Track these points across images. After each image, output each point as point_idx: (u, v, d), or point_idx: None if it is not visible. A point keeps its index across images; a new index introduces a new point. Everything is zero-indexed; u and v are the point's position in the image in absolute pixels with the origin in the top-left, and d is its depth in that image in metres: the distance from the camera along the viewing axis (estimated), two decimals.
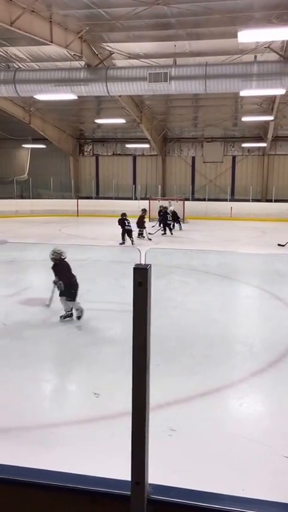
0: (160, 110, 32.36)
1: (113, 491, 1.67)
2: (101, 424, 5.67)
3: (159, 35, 18.72)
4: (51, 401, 6.44)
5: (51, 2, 16.01)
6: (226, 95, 25.06)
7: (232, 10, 15.71)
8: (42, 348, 8.46)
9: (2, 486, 1.75)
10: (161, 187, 37.37)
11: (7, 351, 8.19)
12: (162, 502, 1.63)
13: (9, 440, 5.34)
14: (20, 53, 21.86)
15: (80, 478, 1.73)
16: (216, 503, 1.60)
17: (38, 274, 15.85)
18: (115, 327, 9.57)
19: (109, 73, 18.89)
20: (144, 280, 1.57)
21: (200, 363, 7.53)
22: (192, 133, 36.36)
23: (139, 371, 1.63)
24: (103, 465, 4.25)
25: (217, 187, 36.88)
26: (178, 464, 4.68)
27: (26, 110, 31.69)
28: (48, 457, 4.72)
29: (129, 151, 38.55)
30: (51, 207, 34.95)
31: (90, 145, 39.79)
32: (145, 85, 18.35)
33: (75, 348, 8.43)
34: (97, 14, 16.92)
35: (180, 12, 16.08)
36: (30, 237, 23.69)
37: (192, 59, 20.30)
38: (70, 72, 19.18)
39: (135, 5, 15.63)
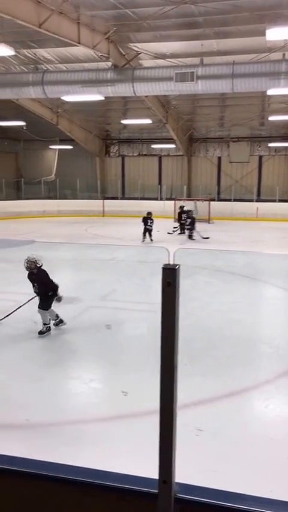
0: (186, 110, 32.27)
1: (141, 489, 1.68)
2: (128, 422, 5.70)
3: (186, 34, 18.67)
4: (79, 399, 6.49)
5: (79, 3, 16.08)
6: (253, 94, 24.92)
7: (260, 8, 15.60)
8: (71, 346, 8.53)
9: (30, 481, 1.77)
10: (186, 188, 37.26)
11: (37, 350, 8.28)
12: (189, 501, 1.64)
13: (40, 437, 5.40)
14: (48, 55, 22.01)
15: (109, 475, 1.75)
16: (242, 504, 1.60)
17: (65, 273, 15.97)
18: (141, 326, 9.60)
19: (136, 73, 18.91)
20: (172, 280, 1.58)
21: (225, 364, 7.52)
22: (218, 133, 36.17)
23: (167, 370, 1.64)
24: (131, 463, 4.27)
25: (243, 187, 36.64)
26: (205, 463, 4.68)
27: (54, 111, 31.87)
28: (77, 453, 4.76)
29: (155, 152, 38.50)
30: (78, 208, 35.12)
31: (117, 146, 39.85)
32: (171, 85, 18.32)
33: (104, 347, 8.48)
34: (124, 14, 16.95)
35: (207, 11, 16.03)
36: (57, 237, 23.85)
37: (220, 58, 20.17)
38: (97, 73, 19.25)
39: (163, 4, 15.61)
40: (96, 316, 10.36)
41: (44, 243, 20.51)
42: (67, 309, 10.37)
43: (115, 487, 1.69)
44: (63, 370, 7.36)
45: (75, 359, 7.98)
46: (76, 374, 7.31)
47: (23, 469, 1.79)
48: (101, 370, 7.67)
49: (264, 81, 17.41)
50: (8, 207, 33.25)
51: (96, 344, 8.66)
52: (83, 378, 7.07)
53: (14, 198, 36.21)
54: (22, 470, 1.78)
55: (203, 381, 6.66)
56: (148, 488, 1.67)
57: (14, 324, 9.72)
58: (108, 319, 9.82)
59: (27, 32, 17.44)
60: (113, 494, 1.69)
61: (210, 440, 5.25)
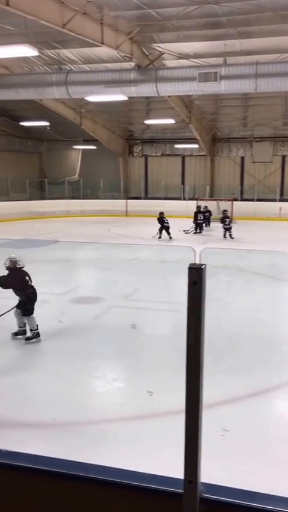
0: (209, 110, 32.18)
1: (166, 489, 1.68)
2: (153, 422, 5.71)
3: (210, 34, 18.60)
4: (104, 398, 6.52)
5: (102, 4, 16.12)
6: (276, 93, 24.74)
7: (284, 7, 15.49)
8: (95, 345, 8.55)
9: (56, 480, 1.79)
10: (209, 188, 37.15)
11: (62, 348, 8.33)
12: (214, 501, 1.64)
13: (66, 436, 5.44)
14: (72, 55, 22.10)
15: (134, 474, 1.75)
16: (268, 504, 1.59)
17: (88, 273, 16.04)
18: (164, 326, 9.60)
19: (159, 73, 18.91)
20: (198, 280, 1.58)
21: (248, 364, 7.49)
22: (241, 133, 36.00)
23: (192, 370, 1.64)
24: (156, 462, 4.28)
25: (266, 187, 36.42)
26: (231, 464, 4.67)
27: (77, 111, 32.00)
28: (102, 452, 4.78)
29: (178, 152, 38.43)
30: (101, 207, 35.21)
31: (140, 146, 39.87)
32: (195, 85, 18.29)
33: (126, 346, 8.49)
34: (148, 15, 16.95)
35: (231, 10, 15.96)
36: (80, 237, 23.96)
37: (243, 57, 20.09)
38: (120, 74, 19.30)
39: (186, 4, 15.59)
40: (119, 315, 10.38)
41: (67, 242, 20.62)
42: (90, 309, 10.42)
43: (140, 486, 1.69)
44: (87, 370, 7.39)
45: (98, 358, 8.00)
46: (100, 373, 7.33)
47: (49, 468, 1.80)
48: (124, 369, 7.69)
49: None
50: (31, 207, 33.48)
51: (119, 343, 8.68)
52: (107, 377, 7.10)
53: (37, 198, 36.43)
54: (48, 470, 1.80)
55: (226, 380, 6.64)
56: (173, 488, 1.67)
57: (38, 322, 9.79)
58: (131, 318, 9.84)
59: (50, 32, 17.53)
60: (138, 494, 1.69)
61: (236, 440, 5.24)
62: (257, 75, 17.50)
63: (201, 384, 1.65)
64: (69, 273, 15.36)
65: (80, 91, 19.94)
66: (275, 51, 19.15)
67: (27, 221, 30.48)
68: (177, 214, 28.01)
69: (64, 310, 10.59)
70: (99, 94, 20.04)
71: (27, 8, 14.16)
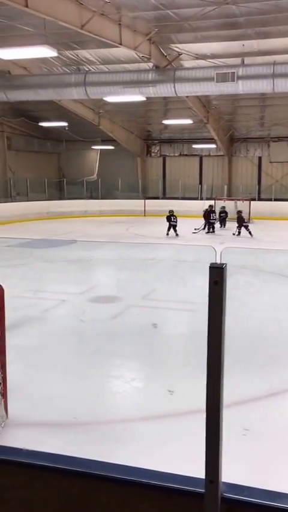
0: (227, 110, 32.09)
1: (187, 488, 1.69)
2: (173, 421, 5.72)
3: (228, 35, 18.56)
4: (124, 397, 6.53)
5: (120, 5, 16.16)
6: None
7: None
8: (115, 344, 8.58)
9: (78, 479, 1.80)
10: (226, 188, 37.05)
11: (81, 348, 8.37)
12: (236, 500, 1.64)
13: (85, 435, 5.47)
14: (90, 56, 22.16)
15: (155, 473, 1.76)
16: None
17: (106, 272, 16.09)
18: (182, 326, 9.60)
19: (177, 74, 18.92)
20: (220, 279, 1.58)
21: (266, 363, 7.47)
22: (258, 133, 35.83)
23: (213, 370, 1.64)
24: (177, 462, 4.28)
25: (283, 187, 36.22)
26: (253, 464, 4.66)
27: (95, 111, 32.09)
28: (122, 452, 4.80)
29: (196, 152, 38.38)
30: (119, 207, 35.25)
31: (158, 146, 39.88)
32: (212, 85, 18.29)
33: (145, 345, 8.51)
34: (165, 16, 16.95)
35: (249, 11, 15.91)
36: (98, 237, 24.01)
37: (261, 58, 20.01)
38: (138, 74, 19.34)
39: (204, 5, 15.56)
40: (138, 315, 10.40)
41: (85, 242, 20.69)
42: (108, 308, 10.45)
43: (161, 486, 1.70)
44: (107, 369, 7.42)
45: (118, 357, 8.02)
46: (119, 373, 7.35)
47: (69, 467, 1.82)
48: (143, 369, 7.70)
49: None
50: (50, 207, 33.63)
51: (138, 343, 8.69)
52: (126, 376, 7.11)
53: (56, 198, 36.57)
54: (68, 469, 1.81)
55: (245, 380, 6.61)
56: (194, 487, 1.68)
57: (59, 322, 9.85)
58: (150, 318, 9.84)
59: (69, 33, 17.60)
60: (159, 493, 1.70)
61: (258, 440, 5.23)
62: (274, 75, 17.45)
63: (221, 383, 1.65)
64: (88, 272, 15.42)
65: (98, 91, 20.02)
66: None
67: (46, 221, 30.63)
68: (195, 214, 27.92)
69: (84, 309, 10.64)
70: (118, 94, 20.10)
71: (45, 9, 14.24)
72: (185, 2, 15.72)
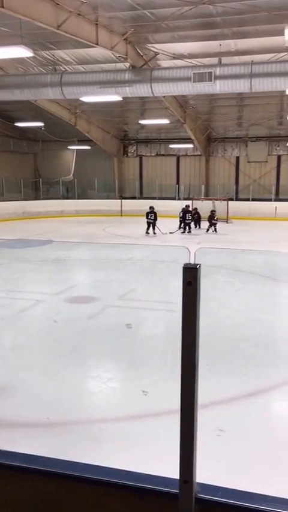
0: (204, 110, 32.20)
1: (161, 489, 1.68)
2: (149, 422, 5.71)
3: (204, 35, 18.62)
4: (99, 398, 6.50)
5: (97, 5, 16.11)
6: (271, 93, 24.74)
7: (279, 7, 15.50)
8: (90, 345, 8.55)
9: (51, 480, 1.78)
10: (204, 187, 37.18)
11: (57, 347, 8.32)
12: (210, 501, 1.64)
13: (60, 435, 5.43)
14: (66, 56, 22.08)
15: (129, 474, 1.75)
16: (264, 505, 1.59)
17: (83, 272, 16.04)
18: (159, 326, 9.60)
19: (154, 74, 18.92)
20: (193, 280, 1.58)
21: (245, 364, 7.49)
22: (236, 132, 36.02)
23: (188, 370, 1.64)
24: (151, 462, 4.27)
25: (261, 187, 36.47)
26: (227, 464, 4.67)
27: (72, 112, 32.00)
28: (97, 452, 4.78)
29: (173, 152, 38.45)
30: (96, 207, 35.24)
31: (134, 146, 39.87)
32: (189, 85, 18.31)
33: (122, 346, 8.49)
34: (142, 15, 16.96)
35: (225, 11, 15.98)
36: (75, 237, 23.95)
37: (238, 57, 20.13)
38: (115, 74, 19.30)
39: (181, 5, 15.59)
40: (115, 315, 10.38)
41: (62, 242, 20.61)
42: (85, 308, 10.42)
43: (135, 486, 1.69)
44: (82, 369, 7.38)
45: (93, 357, 8.00)
46: (95, 373, 7.33)
47: (43, 468, 1.80)
48: (119, 369, 7.68)
49: (283, 80, 17.34)
50: (26, 207, 33.49)
51: (114, 343, 8.67)
52: (102, 377, 7.09)
53: (32, 198, 36.43)
54: (43, 469, 1.79)
55: (222, 381, 6.63)
56: (169, 488, 1.67)
57: (34, 322, 9.79)
58: (127, 318, 9.83)
59: (45, 33, 17.52)
60: (133, 494, 1.69)
61: (232, 440, 5.24)
62: (251, 75, 17.53)
63: (196, 383, 1.65)
64: (64, 272, 15.34)
65: (74, 92, 19.94)
66: (270, 51, 19.19)
67: (22, 221, 30.47)
68: (173, 214, 27.98)
69: (59, 309, 10.59)
70: (94, 94, 20.04)
71: (22, 9, 14.14)
72: (161, 1, 15.73)
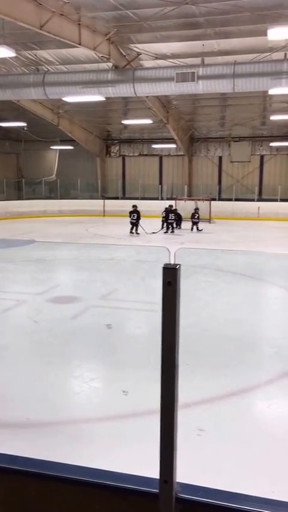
0: (187, 110, 32.27)
1: (142, 489, 1.68)
2: (130, 422, 5.70)
3: (187, 35, 18.66)
4: (81, 398, 6.49)
5: (79, 5, 16.07)
6: (254, 93, 24.87)
7: (261, 8, 15.58)
8: (72, 345, 8.53)
9: (31, 480, 1.78)
10: (187, 188, 37.27)
11: (38, 348, 8.29)
12: (190, 501, 1.64)
13: (40, 436, 5.41)
14: (49, 56, 22.01)
15: (109, 474, 1.75)
16: (244, 505, 1.60)
17: (66, 273, 16.00)
18: (142, 326, 9.60)
19: (136, 74, 18.91)
20: (173, 280, 1.58)
21: (227, 364, 7.51)
22: (219, 133, 36.16)
23: (168, 370, 1.64)
24: (131, 462, 4.27)
25: (244, 187, 36.65)
26: (207, 464, 4.68)
27: (55, 112, 31.91)
28: (78, 452, 4.76)
29: (156, 152, 38.53)
30: (79, 207, 35.20)
31: (117, 146, 39.88)
32: (172, 85, 18.33)
33: (104, 346, 8.48)
34: (125, 16, 16.95)
35: (208, 11, 16.02)
36: (58, 237, 23.89)
37: (221, 57, 20.18)
38: (98, 74, 19.27)
39: (163, 5, 15.60)
40: (97, 315, 10.36)
41: (44, 242, 20.54)
42: (68, 308, 10.39)
43: (116, 486, 1.69)
44: (64, 369, 7.36)
45: (75, 358, 7.98)
46: (77, 373, 7.31)
47: (24, 468, 1.79)
48: (102, 369, 7.67)
49: (266, 80, 17.41)
50: (9, 207, 33.32)
51: (97, 343, 8.66)
52: (84, 377, 7.07)
53: (15, 198, 36.31)
54: (23, 470, 1.79)
55: (204, 380, 6.65)
56: (149, 488, 1.67)
57: (16, 322, 9.74)
58: (109, 318, 9.82)
59: (28, 33, 17.45)
60: (113, 494, 1.69)
61: (212, 440, 5.25)
62: (234, 75, 17.58)
63: (176, 383, 1.65)
64: (47, 273, 15.29)
65: (57, 92, 19.87)
66: (253, 51, 19.27)
67: (5, 221, 30.30)
68: (156, 214, 27.99)
69: (41, 310, 10.56)
70: (77, 94, 19.99)
71: (4, 10, 14.09)
72: (144, 2, 15.73)
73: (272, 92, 19.84)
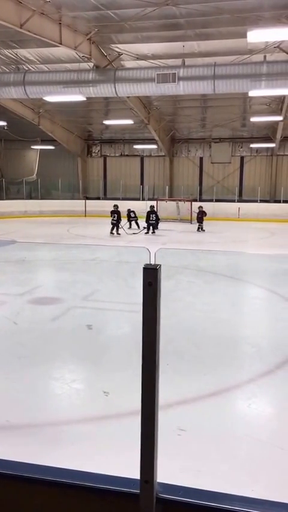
0: (168, 111, 32.34)
1: (122, 490, 1.68)
2: (110, 423, 5.69)
3: (168, 36, 18.71)
4: (61, 399, 6.46)
5: (60, 4, 16.03)
6: (235, 95, 25.00)
7: (241, 10, 15.68)
8: (52, 346, 8.48)
9: (11, 482, 1.77)
10: (168, 188, 37.35)
11: (18, 349, 8.23)
12: (171, 501, 1.64)
13: (20, 438, 5.37)
14: (30, 55, 21.91)
15: (90, 475, 1.75)
16: (224, 503, 1.60)
17: (47, 273, 15.92)
18: (123, 327, 9.59)
19: (117, 74, 18.91)
20: (153, 281, 1.58)
21: (208, 364, 7.53)
22: (200, 134, 36.32)
23: (148, 370, 1.64)
24: (112, 463, 4.27)
25: (225, 188, 36.83)
26: (187, 463, 4.69)
27: (35, 111, 31.78)
28: (58, 454, 4.75)
29: (137, 152, 38.58)
30: (60, 208, 35.07)
31: (98, 147, 39.85)
32: (153, 86, 18.36)
33: (85, 347, 8.45)
34: (106, 16, 16.93)
35: (189, 12, 16.07)
36: (38, 237, 23.77)
37: (201, 59, 20.26)
38: (79, 74, 19.22)
39: (144, 6, 15.62)
40: (78, 316, 10.33)
41: (25, 243, 20.42)
42: (49, 309, 10.34)
43: (96, 487, 1.69)
44: (45, 371, 7.32)
45: (57, 360, 7.94)
46: (58, 375, 7.28)
47: (4, 470, 1.78)
48: (83, 370, 7.64)
49: (246, 82, 17.51)
50: None
51: (78, 344, 8.63)
52: (65, 378, 7.05)
53: None
54: (2, 472, 1.77)
55: (185, 380, 6.66)
56: (130, 488, 1.67)
57: None
58: (91, 319, 9.79)
59: (8, 32, 17.35)
60: (93, 495, 1.69)
61: (193, 440, 5.26)
62: (215, 76, 17.66)
63: (157, 383, 1.65)
64: (28, 273, 15.20)
65: (37, 91, 19.79)
66: (233, 53, 19.39)
67: None
68: (137, 214, 28.00)
69: (21, 311, 10.49)
70: (58, 94, 19.93)
71: None
72: (125, 2, 15.74)
73: (252, 94, 19.98)
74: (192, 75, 17.98)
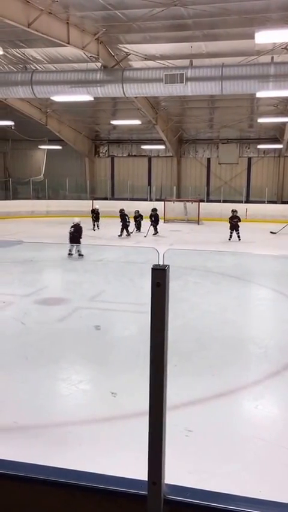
0: (176, 111, 32.31)
1: (130, 491, 1.67)
2: (118, 424, 5.69)
3: (176, 36, 18.67)
4: (68, 400, 6.47)
5: (68, 4, 16.03)
6: (242, 96, 24.91)
7: (249, 11, 15.63)
8: (59, 347, 8.49)
9: (19, 484, 1.76)
10: (176, 189, 37.33)
11: (25, 350, 8.25)
12: (179, 502, 1.64)
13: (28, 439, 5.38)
14: (37, 55, 21.93)
15: (98, 477, 1.74)
16: (232, 505, 1.60)
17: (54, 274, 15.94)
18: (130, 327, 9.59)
19: (125, 74, 18.90)
20: (162, 281, 1.58)
21: (215, 364, 7.52)
22: (207, 134, 36.27)
23: (156, 371, 1.64)
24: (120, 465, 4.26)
25: (232, 188, 36.75)
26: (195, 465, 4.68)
27: (43, 111, 31.80)
28: (66, 455, 4.75)
29: (145, 153, 38.55)
30: (67, 208, 35.03)
31: (106, 147, 39.84)
32: (161, 86, 18.34)
33: (92, 348, 8.46)
34: (114, 16, 16.92)
35: (196, 13, 16.04)
36: (45, 237, 23.80)
37: (209, 60, 20.23)
38: (86, 74, 19.22)
39: (152, 6, 15.60)
40: (85, 317, 10.34)
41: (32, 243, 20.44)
42: (56, 310, 10.36)
43: (104, 489, 1.68)
44: (52, 372, 7.33)
45: (64, 360, 7.95)
46: (65, 375, 7.28)
47: (12, 472, 1.78)
48: (90, 371, 7.65)
49: (253, 83, 17.47)
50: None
51: (85, 345, 8.64)
52: (72, 379, 7.05)
53: (2, 198, 36.15)
54: (11, 473, 1.77)
55: (192, 381, 6.65)
56: (137, 489, 1.67)
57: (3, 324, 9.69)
58: (97, 320, 9.80)
59: (16, 31, 17.37)
60: (102, 496, 1.68)
61: (200, 441, 5.25)
62: (222, 77, 17.61)
63: (165, 384, 1.65)
64: (35, 274, 15.22)
65: (45, 91, 19.79)
66: (240, 54, 19.34)
67: None
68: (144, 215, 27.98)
69: (28, 311, 10.51)
70: (65, 94, 19.93)
71: None
72: (133, 2, 15.72)
73: (259, 95, 19.94)
74: (200, 75, 17.95)
